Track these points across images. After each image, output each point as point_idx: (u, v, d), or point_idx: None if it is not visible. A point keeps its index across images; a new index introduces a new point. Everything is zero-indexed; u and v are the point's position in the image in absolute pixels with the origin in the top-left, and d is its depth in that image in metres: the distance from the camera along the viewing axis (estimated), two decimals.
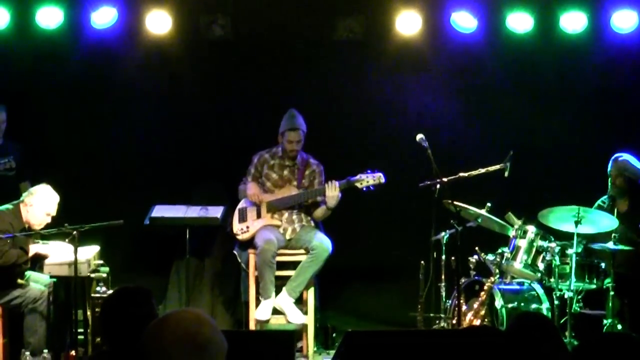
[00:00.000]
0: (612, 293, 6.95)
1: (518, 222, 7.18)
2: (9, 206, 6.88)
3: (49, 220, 6.93)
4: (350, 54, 8.56)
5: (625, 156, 7.42)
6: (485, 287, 6.98)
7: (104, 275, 7.23)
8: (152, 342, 2.37)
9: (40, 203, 6.86)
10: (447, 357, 4.94)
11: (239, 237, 7.45)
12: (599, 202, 7.53)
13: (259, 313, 7.18)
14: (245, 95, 8.66)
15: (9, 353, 6.77)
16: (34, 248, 6.93)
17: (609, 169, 7.45)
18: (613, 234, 6.97)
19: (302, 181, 7.50)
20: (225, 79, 8.68)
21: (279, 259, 7.28)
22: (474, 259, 7.33)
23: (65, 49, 8.43)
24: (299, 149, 7.44)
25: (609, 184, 7.48)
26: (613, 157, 7.46)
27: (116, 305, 3.47)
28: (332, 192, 7.23)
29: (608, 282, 7.07)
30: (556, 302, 7.12)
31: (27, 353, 6.58)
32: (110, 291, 6.77)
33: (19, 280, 6.78)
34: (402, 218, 8.41)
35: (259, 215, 7.43)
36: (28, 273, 6.90)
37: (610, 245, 6.94)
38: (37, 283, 6.86)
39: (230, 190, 8.00)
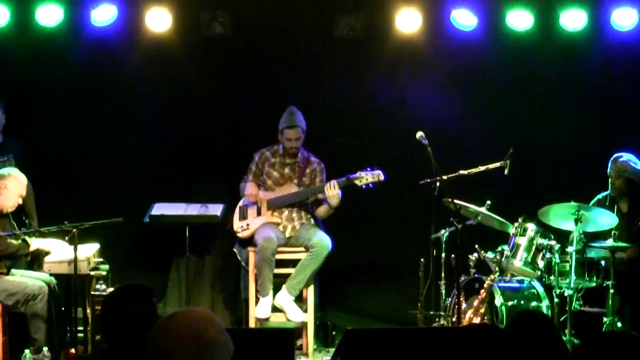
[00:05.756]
0: (612, 291, 6.95)
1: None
2: None
3: (20, 201, 6.96)
4: (350, 51, 8.55)
5: (626, 157, 7.39)
6: (485, 285, 6.98)
7: (104, 273, 7.24)
8: (156, 340, 2.37)
9: (14, 186, 6.89)
10: (447, 355, 4.94)
11: (239, 235, 7.46)
12: (598, 196, 7.52)
13: (259, 311, 7.18)
14: (245, 93, 8.66)
15: (9, 351, 6.77)
16: (35, 243, 6.93)
17: (608, 169, 7.43)
18: (613, 232, 6.97)
19: (302, 179, 7.51)
20: (225, 77, 8.67)
21: (278, 256, 7.28)
22: (473, 256, 7.33)
23: (65, 46, 8.42)
24: (298, 146, 7.44)
25: (609, 183, 7.47)
26: (612, 158, 7.41)
27: (117, 303, 3.47)
28: (332, 191, 7.24)
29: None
30: (556, 299, 7.12)
31: (29, 354, 6.56)
32: (110, 289, 6.78)
33: (2, 270, 6.78)
34: (401, 216, 8.41)
35: (259, 213, 7.43)
36: (17, 271, 6.89)
37: (610, 243, 6.94)
38: (35, 279, 6.85)
39: (230, 188, 8.00)
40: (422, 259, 7.54)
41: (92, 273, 7.14)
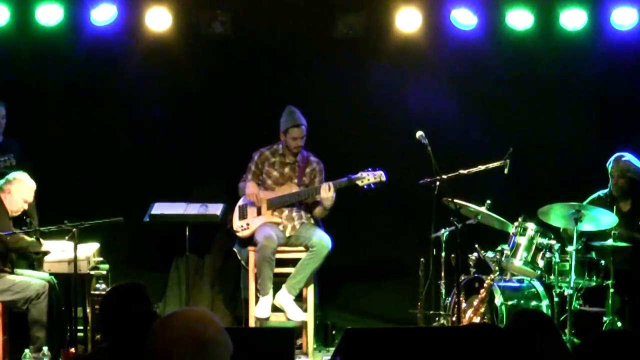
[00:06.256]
0: (612, 290, 6.95)
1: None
2: None
3: (26, 207, 6.96)
4: (351, 51, 8.55)
5: (628, 156, 7.38)
6: (485, 285, 6.98)
7: (104, 272, 7.25)
8: (156, 340, 2.37)
9: (19, 190, 6.90)
10: (446, 354, 4.94)
11: (239, 234, 7.46)
12: (598, 193, 7.50)
13: (259, 311, 7.18)
14: (245, 92, 8.66)
15: (9, 350, 6.77)
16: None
17: (610, 168, 7.42)
18: (613, 231, 6.96)
19: (302, 179, 7.51)
20: (225, 76, 8.68)
21: (278, 256, 7.29)
22: (473, 256, 7.33)
23: (65, 46, 8.42)
24: (303, 145, 7.45)
25: (610, 182, 7.46)
26: (614, 157, 7.40)
27: (115, 303, 3.47)
28: (326, 193, 7.25)
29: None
30: (556, 299, 7.12)
31: (29, 353, 6.55)
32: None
33: (7, 268, 6.78)
34: (401, 215, 8.40)
35: (259, 213, 7.44)
36: (19, 271, 6.90)
37: (610, 242, 6.94)
38: (37, 279, 6.85)
39: (230, 188, 8.00)
40: (422, 259, 7.54)
41: (92, 272, 7.15)
